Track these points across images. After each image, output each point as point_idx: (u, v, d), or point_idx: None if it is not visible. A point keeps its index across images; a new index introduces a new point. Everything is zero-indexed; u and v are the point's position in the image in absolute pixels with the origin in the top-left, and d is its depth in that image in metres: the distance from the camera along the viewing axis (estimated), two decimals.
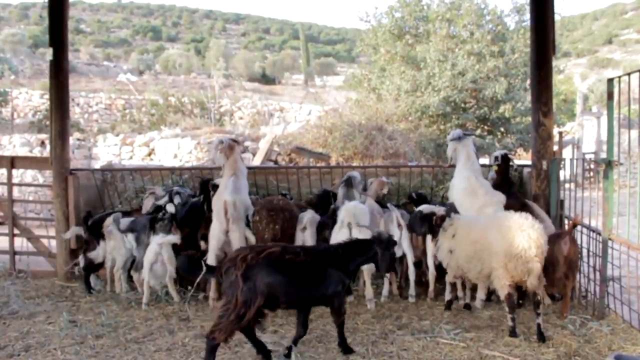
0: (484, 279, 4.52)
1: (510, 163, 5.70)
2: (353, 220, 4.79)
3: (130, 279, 5.62)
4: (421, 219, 4.79)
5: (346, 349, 3.84)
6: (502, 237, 4.12)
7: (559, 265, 4.47)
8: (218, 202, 5.10)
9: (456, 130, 5.53)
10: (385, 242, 3.91)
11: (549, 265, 4.53)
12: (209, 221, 5.30)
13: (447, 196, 5.68)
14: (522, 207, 5.12)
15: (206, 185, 5.64)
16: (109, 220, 5.57)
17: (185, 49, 51.37)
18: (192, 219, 5.59)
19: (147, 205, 5.96)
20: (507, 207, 4.98)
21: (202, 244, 5.42)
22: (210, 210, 5.44)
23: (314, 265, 3.70)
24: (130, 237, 5.39)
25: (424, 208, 4.90)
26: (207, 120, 20.08)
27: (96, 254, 5.69)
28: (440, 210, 4.80)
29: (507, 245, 4.05)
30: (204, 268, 3.66)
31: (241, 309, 3.41)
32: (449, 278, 4.80)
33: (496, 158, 5.60)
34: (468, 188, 5.06)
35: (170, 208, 5.66)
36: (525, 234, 4.02)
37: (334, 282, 3.73)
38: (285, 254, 3.63)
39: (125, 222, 5.51)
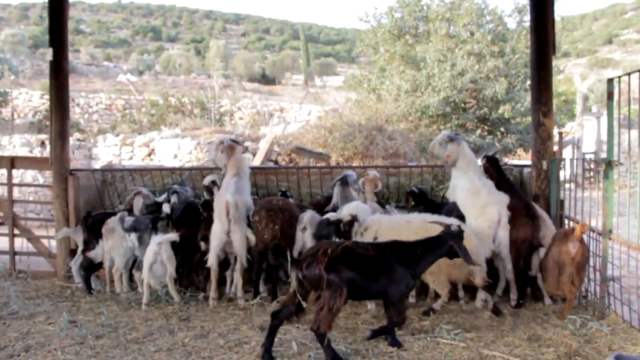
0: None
1: (498, 161, 5.66)
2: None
3: (131, 278, 5.63)
4: (328, 225, 4.74)
5: (395, 342, 3.89)
6: None
7: (565, 268, 4.43)
8: (219, 202, 5.09)
9: (446, 132, 5.45)
10: (457, 235, 3.92)
11: (555, 267, 4.50)
12: (209, 222, 5.29)
13: (447, 196, 5.64)
14: (526, 206, 5.12)
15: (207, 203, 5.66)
16: (113, 219, 5.57)
17: (185, 49, 51.42)
18: (189, 220, 5.59)
19: (138, 204, 5.95)
20: (510, 207, 4.98)
21: (202, 244, 5.42)
22: (207, 210, 5.46)
23: (381, 261, 3.81)
24: (133, 236, 5.38)
25: (331, 215, 4.84)
26: (207, 120, 20.10)
27: (95, 254, 5.69)
28: (346, 216, 4.75)
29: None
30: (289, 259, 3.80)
31: (330, 300, 3.58)
32: None
33: (482, 157, 5.58)
34: (471, 188, 5.04)
35: (166, 208, 5.66)
36: (468, 242, 4.16)
37: (398, 279, 3.82)
38: (357, 248, 3.79)
39: (128, 221, 5.50)
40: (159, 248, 5.05)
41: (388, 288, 3.80)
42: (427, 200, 5.78)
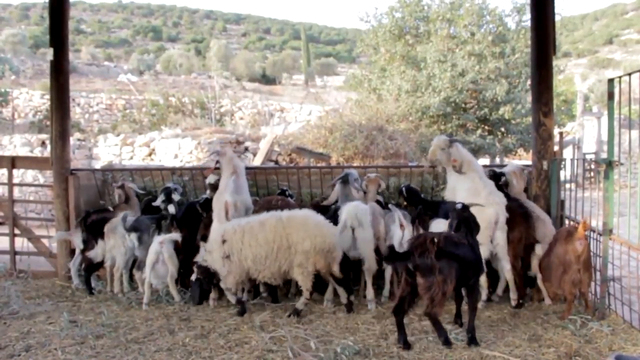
0: (277, 277, 4.69)
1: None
2: (356, 222, 4.80)
3: (131, 278, 5.63)
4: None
5: (473, 339, 3.97)
6: (310, 235, 4.49)
7: (572, 267, 4.36)
8: (219, 203, 5.09)
9: (444, 137, 5.46)
10: (467, 208, 4.25)
11: (560, 266, 4.45)
12: (209, 222, 5.29)
13: (445, 197, 5.62)
14: (518, 207, 5.13)
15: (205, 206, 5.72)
16: (116, 219, 5.57)
17: (186, 49, 51.42)
18: (191, 220, 5.59)
19: (131, 191, 6.06)
20: (508, 209, 4.98)
21: (202, 244, 5.40)
22: (206, 210, 5.47)
23: (472, 248, 4.06)
24: (133, 236, 5.37)
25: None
26: (208, 120, 20.10)
27: (95, 253, 5.69)
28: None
29: (319, 242, 4.48)
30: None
31: (444, 286, 3.79)
32: (227, 284, 4.77)
33: None
34: (472, 188, 5.04)
35: (171, 209, 5.65)
36: (326, 229, 4.51)
37: (480, 264, 4.12)
38: (453, 238, 4.01)
39: (129, 221, 5.50)
40: (160, 247, 5.06)
41: (477, 274, 4.09)
42: (420, 198, 5.76)
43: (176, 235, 5.21)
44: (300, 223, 4.56)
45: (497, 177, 5.52)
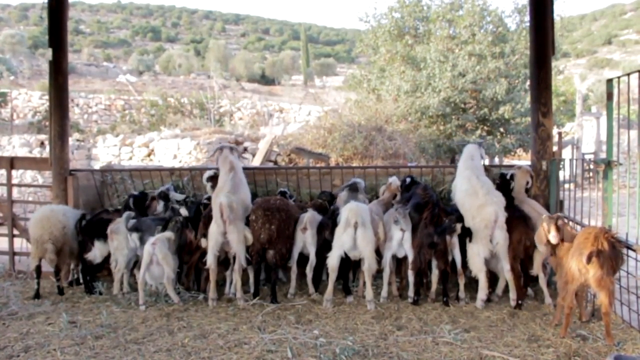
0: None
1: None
2: (359, 220, 4.80)
3: (134, 279, 5.62)
4: None
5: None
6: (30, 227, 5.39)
7: (574, 283, 4.04)
8: (215, 204, 5.06)
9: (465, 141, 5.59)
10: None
11: (564, 276, 4.24)
12: (208, 221, 5.26)
13: (449, 197, 5.64)
14: (517, 211, 5.14)
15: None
16: (119, 220, 5.55)
17: (185, 50, 51.48)
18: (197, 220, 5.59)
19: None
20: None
21: (203, 241, 5.34)
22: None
23: None
24: (135, 236, 5.34)
25: None
26: (207, 121, 20.11)
27: (94, 255, 5.64)
28: None
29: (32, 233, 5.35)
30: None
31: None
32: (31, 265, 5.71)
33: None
34: (469, 189, 5.03)
35: (184, 212, 5.56)
36: (34, 222, 5.33)
37: None
38: None
39: (131, 221, 5.46)
40: (153, 249, 5.01)
41: None
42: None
43: (169, 234, 5.17)
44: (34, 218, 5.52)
45: (506, 183, 5.54)
